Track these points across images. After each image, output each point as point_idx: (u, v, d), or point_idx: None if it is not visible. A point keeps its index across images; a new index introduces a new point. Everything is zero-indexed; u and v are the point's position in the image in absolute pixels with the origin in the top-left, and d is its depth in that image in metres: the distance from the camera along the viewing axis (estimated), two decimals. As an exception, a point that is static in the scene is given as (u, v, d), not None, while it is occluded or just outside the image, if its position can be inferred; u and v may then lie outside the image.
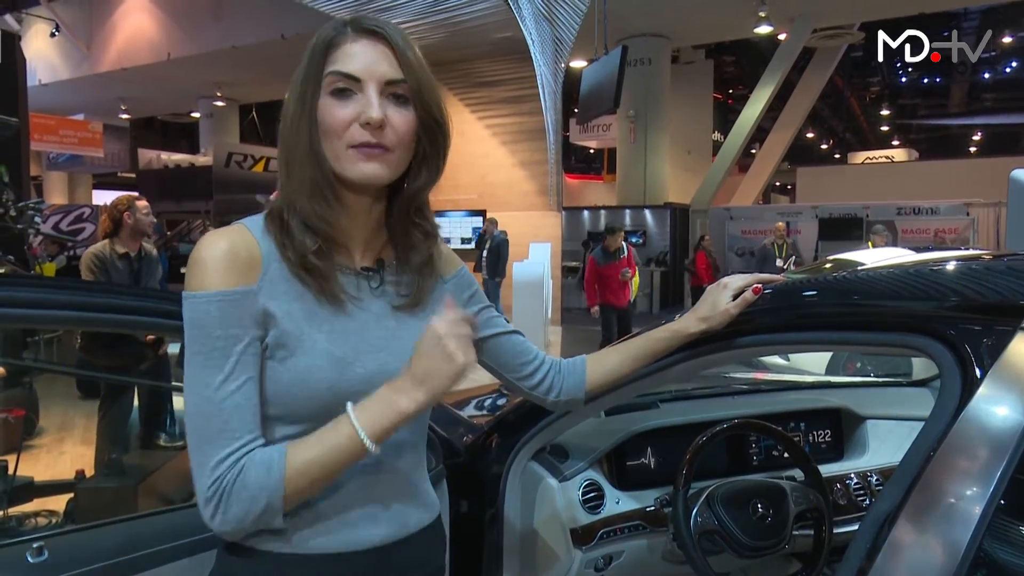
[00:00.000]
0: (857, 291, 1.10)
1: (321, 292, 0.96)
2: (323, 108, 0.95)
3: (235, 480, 0.88)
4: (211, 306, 0.91)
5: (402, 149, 0.96)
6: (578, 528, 1.58)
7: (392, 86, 0.95)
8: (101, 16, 17.54)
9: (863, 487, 1.83)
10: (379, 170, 0.95)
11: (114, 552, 1.14)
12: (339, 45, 0.95)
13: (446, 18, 10.68)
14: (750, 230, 14.98)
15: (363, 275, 1.01)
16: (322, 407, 0.94)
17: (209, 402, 0.90)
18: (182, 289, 0.95)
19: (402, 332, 1.01)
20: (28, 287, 1.20)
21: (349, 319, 0.98)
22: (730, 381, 2.36)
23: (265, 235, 0.97)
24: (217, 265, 0.92)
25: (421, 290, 1.04)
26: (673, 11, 13.02)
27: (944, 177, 18.89)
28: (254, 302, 0.93)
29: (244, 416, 0.91)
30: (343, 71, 0.94)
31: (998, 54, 21.71)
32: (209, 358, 0.91)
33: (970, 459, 0.76)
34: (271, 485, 0.88)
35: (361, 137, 0.93)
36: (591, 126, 18.15)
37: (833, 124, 30.14)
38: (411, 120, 0.96)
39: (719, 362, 1.35)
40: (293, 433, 0.94)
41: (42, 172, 21.63)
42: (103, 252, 4.18)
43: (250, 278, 0.93)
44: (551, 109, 11.01)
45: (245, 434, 0.90)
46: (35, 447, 4.99)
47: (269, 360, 0.94)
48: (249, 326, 0.92)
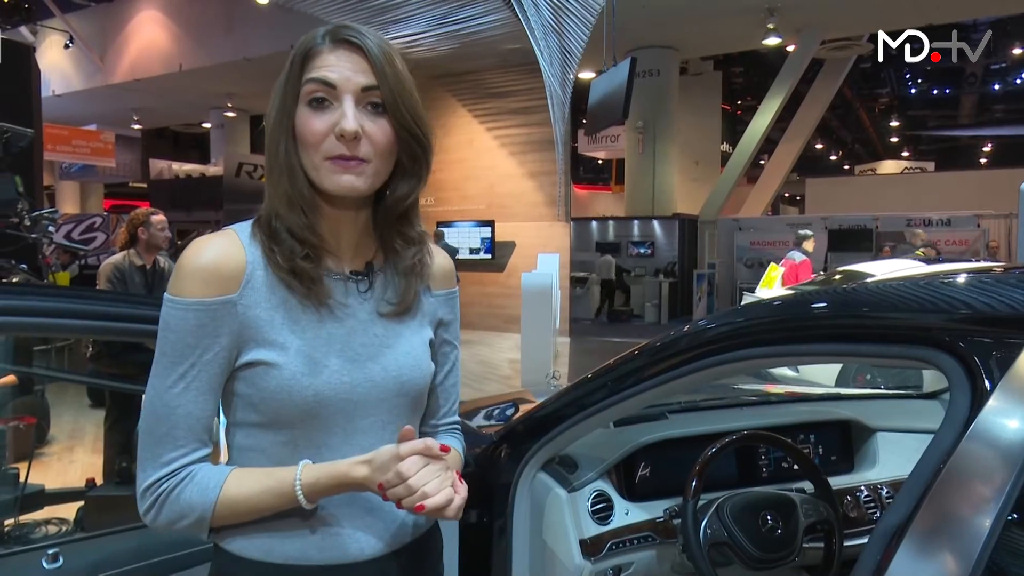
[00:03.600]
0: (866, 303, 1.10)
1: (307, 297, 0.96)
2: (300, 119, 0.95)
3: (172, 490, 0.92)
4: (187, 313, 0.92)
5: (379, 160, 0.96)
6: (587, 539, 1.57)
7: (368, 93, 0.94)
8: (114, 28, 17.74)
9: (873, 499, 1.82)
10: (355, 182, 0.94)
11: (127, 559, 1.15)
12: (317, 54, 0.95)
13: (456, 30, 10.75)
14: (759, 241, 14.94)
15: (352, 279, 1.01)
16: (306, 413, 0.95)
17: (164, 404, 0.93)
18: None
19: (389, 339, 1.01)
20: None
21: (335, 325, 0.98)
22: (739, 393, 2.35)
23: (252, 241, 0.97)
24: (199, 273, 0.93)
25: (407, 297, 1.03)
26: (682, 23, 13.06)
27: (954, 188, 18.81)
28: (232, 311, 0.94)
29: (193, 424, 0.94)
30: (319, 78, 0.93)
31: (1008, 65, 21.64)
32: (174, 361, 0.93)
33: (980, 472, 0.76)
34: (203, 506, 0.92)
35: (336, 149, 0.93)
36: (599, 137, 18.20)
37: (842, 135, 30.08)
38: (387, 130, 0.95)
39: (727, 373, 1.35)
40: (280, 440, 0.96)
41: (55, 181, 21.82)
42: (123, 264, 4.27)
43: (231, 287, 0.94)
44: (560, 120, 11.04)
45: (190, 442, 0.94)
46: (46, 455, 5.02)
47: (252, 368, 0.94)
48: (221, 336, 0.93)
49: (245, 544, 0.97)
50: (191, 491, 0.92)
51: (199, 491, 0.93)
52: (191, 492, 0.92)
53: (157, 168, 19.08)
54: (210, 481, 0.93)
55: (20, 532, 3.42)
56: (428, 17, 10.64)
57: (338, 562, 0.98)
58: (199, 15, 16.09)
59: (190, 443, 0.94)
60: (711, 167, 19.54)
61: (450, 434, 1.18)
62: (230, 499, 0.93)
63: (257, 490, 0.93)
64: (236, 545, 0.98)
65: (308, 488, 0.92)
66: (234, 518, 0.95)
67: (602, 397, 1.43)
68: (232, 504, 0.93)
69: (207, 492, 0.92)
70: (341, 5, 10.78)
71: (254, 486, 0.93)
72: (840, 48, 16.16)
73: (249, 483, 0.94)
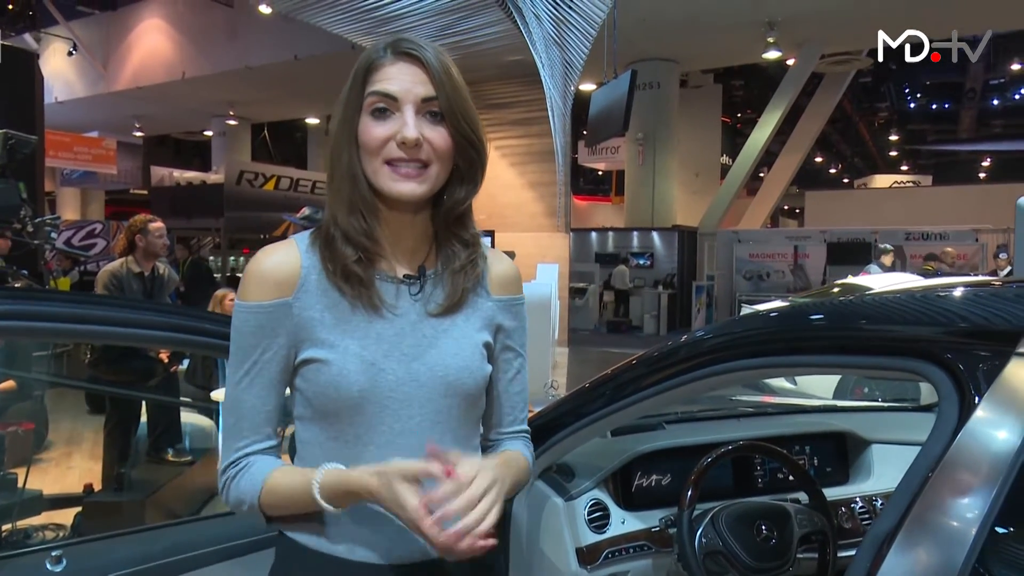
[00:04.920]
0: (859, 315, 1.12)
1: (357, 298, 1.02)
2: (363, 128, 1.00)
3: (234, 477, 1.02)
4: (249, 315, 1.02)
5: (438, 165, 1.01)
6: (583, 547, 1.59)
7: (428, 104, 1.00)
8: (118, 36, 17.82)
9: (868, 511, 1.84)
10: (414, 188, 1.00)
11: (130, 562, 1.16)
12: (379, 67, 1.00)
13: (458, 41, 10.80)
14: (758, 253, 14.97)
15: (404, 282, 1.05)
16: (353, 409, 1.00)
17: (233, 398, 1.03)
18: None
19: (437, 339, 1.05)
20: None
21: (385, 326, 1.02)
22: (736, 404, 2.37)
23: (310, 249, 1.04)
24: (257, 279, 1.02)
25: (454, 295, 1.07)
26: (682, 36, 13.12)
27: (953, 203, 18.86)
28: (288, 313, 1.01)
29: (255, 417, 1.03)
30: (382, 91, 0.99)
31: (1007, 80, 21.74)
32: (240, 360, 1.02)
33: (966, 480, 0.78)
34: (251, 494, 1.01)
35: (397, 154, 0.99)
36: (600, 148, 18.25)
37: (842, 149, 30.17)
38: (446, 137, 1.01)
39: (724, 384, 1.36)
40: (330, 435, 1.02)
41: (56, 188, 21.85)
42: (120, 271, 4.27)
43: (286, 290, 1.01)
44: (560, 131, 11.08)
45: (254, 434, 1.03)
46: (44, 461, 5.02)
47: (307, 365, 1.01)
48: (279, 336, 1.01)
49: (301, 534, 1.04)
50: (245, 480, 1.01)
51: (250, 481, 1.01)
52: (245, 481, 1.01)
53: (158, 175, 19.10)
54: (259, 472, 1.01)
55: (18, 537, 3.42)
56: (430, 28, 10.69)
57: (384, 562, 1.01)
58: (202, 24, 16.17)
59: (254, 434, 1.03)
60: (711, 179, 19.59)
61: (518, 440, 1.18)
62: (271, 491, 1.00)
63: (290, 486, 0.99)
64: (295, 533, 1.04)
65: (327, 490, 0.95)
66: (279, 510, 1.02)
67: (600, 407, 1.44)
68: (273, 496, 1.00)
69: (255, 482, 1.00)
70: (343, 16, 10.83)
71: (288, 482, 0.99)
72: (840, 62, 16.23)
73: (286, 479, 1.00)
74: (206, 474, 4.41)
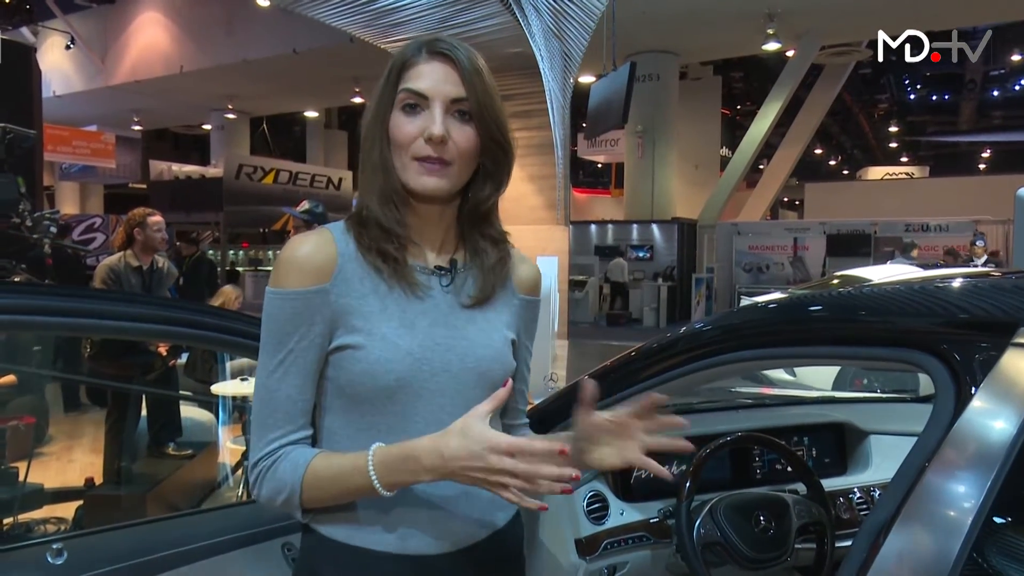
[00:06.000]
0: (856, 307, 1.13)
1: (394, 277, 1.03)
2: (394, 122, 1.02)
3: (270, 468, 1.00)
4: (284, 302, 1.01)
5: (462, 163, 1.03)
6: (582, 538, 1.59)
7: (457, 103, 1.02)
8: (116, 29, 17.78)
9: (866, 501, 1.84)
10: (439, 183, 1.02)
11: (131, 554, 1.17)
12: (413, 65, 1.03)
13: (456, 34, 10.68)
14: (757, 245, 14.98)
15: (436, 273, 1.07)
16: (387, 398, 1.01)
17: (266, 388, 1.02)
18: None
19: (469, 331, 1.06)
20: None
21: (419, 314, 1.04)
22: (735, 395, 2.37)
23: (345, 235, 1.06)
24: (295, 266, 1.02)
25: (486, 289, 1.09)
26: (681, 28, 13.11)
27: (953, 194, 18.85)
28: (325, 300, 1.01)
29: (290, 407, 1.02)
30: (413, 88, 1.01)
31: (1007, 71, 21.70)
32: (275, 348, 1.02)
33: (962, 470, 0.79)
34: (292, 482, 0.99)
35: (424, 151, 1.00)
36: (599, 141, 18.21)
37: (842, 140, 30.14)
38: (472, 137, 1.03)
39: (723, 375, 1.37)
40: (362, 425, 1.02)
41: (54, 182, 21.83)
42: (117, 265, 4.26)
43: (323, 277, 1.02)
44: (559, 124, 11.07)
45: (289, 423, 1.02)
46: (45, 454, 5.03)
47: (341, 352, 1.01)
48: (315, 324, 1.01)
49: (331, 527, 1.03)
50: (284, 468, 1.00)
51: (291, 468, 0.99)
52: (284, 469, 1.00)
53: (157, 169, 19.09)
54: (300, 459, 1.00)
55: (20, 530, 3.43)
56: (429, 21, 10.66)
57: (414, 553, 1.02)
58: (200, 17, 16.13)
59: (289, 424, 1.02)
60: (710, 171, 19.58)
61: (518, 432, 1.21)
62: (315, 476, 0.98)
63: (337, 469, 0.98)
64: (323, 527, 1.04)
65: (382, 468, 0.95)
66: (321, 500, 1.00)
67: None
68: (317, 482, 0.98)
69: (296, 469, 0.99)
70: (341, 8, 10.81)
71: (335, 464, 0.99)
72: (839, 54, 16.22)
73: (333, 463, 0.99)
74: (206, 468, 4.41)
